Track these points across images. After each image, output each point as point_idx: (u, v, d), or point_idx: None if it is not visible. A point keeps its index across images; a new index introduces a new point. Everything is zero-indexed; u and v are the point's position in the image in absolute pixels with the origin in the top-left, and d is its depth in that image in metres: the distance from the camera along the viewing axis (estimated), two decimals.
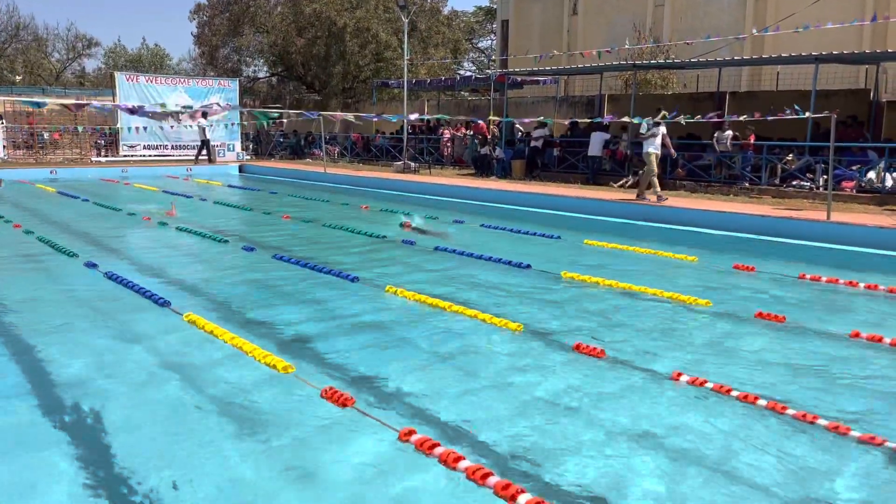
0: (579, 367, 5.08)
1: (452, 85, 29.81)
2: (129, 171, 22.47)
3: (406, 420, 4.12)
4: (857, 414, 4.30)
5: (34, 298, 6.88)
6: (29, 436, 3.93)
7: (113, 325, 6.00)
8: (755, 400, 4.38)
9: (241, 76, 36.92)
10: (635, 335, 5.91)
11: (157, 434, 3.96)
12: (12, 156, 24.51)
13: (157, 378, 4.81)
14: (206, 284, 7.67)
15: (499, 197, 15.45)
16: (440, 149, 24.98)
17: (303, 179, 21.15)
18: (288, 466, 3.65)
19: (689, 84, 24.87)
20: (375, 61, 36.64)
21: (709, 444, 3.91)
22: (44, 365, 5.02)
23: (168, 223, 11.70)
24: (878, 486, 3.50)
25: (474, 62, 54.50)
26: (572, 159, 19.51)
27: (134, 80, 26.47)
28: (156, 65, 57.85)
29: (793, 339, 5.84)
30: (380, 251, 9.78)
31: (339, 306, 6.76)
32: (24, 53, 51.76)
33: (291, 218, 12.80)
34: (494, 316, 6.16)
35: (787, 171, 15.52)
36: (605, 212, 13.16)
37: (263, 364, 4.93)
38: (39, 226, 11.14)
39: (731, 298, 7.23)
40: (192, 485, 3.42)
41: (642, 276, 8.06)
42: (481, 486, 3.37)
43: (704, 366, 5.12)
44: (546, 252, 9.79)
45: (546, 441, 3.94)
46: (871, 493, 3.44)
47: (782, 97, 18.87)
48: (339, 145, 28.65)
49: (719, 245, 10.49)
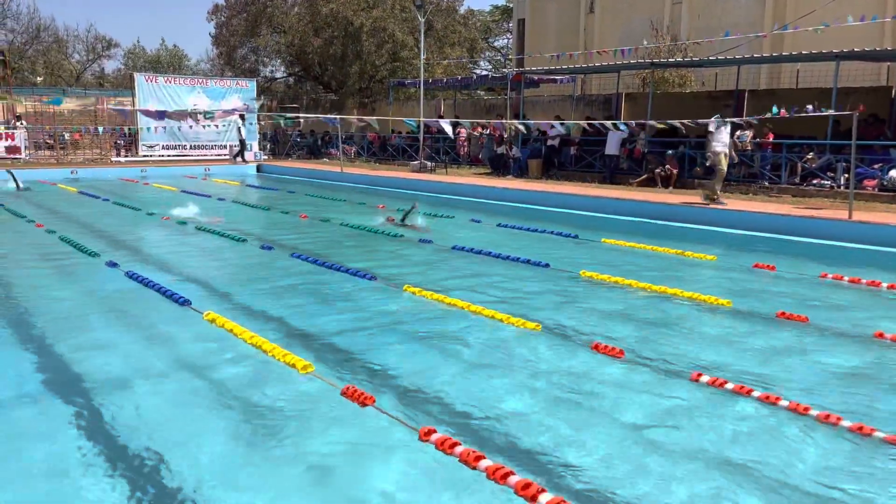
0: (598, 367, 5.06)
1: (469, 84, 29.81)
2: (148, 170, 22.66)
3: (426, 419, 4.13)
4: (883, 415, 4.24)
5: (57, 297, 6.96)
6: (53, 432, 3.98)
7: (135, 324, 6.06)
8: (777, 401, 4.34)
9: (259, 76, 37.11)
10: (654, 335, 5.88)
11: (177, 432, 3.99)
12: (34, 156, 24.80)
13: (177, 376, 4.86)
14: (225, 283, 7.72)
15: (515, 196, 15.42)
16: (456, 148, 24.98)
17: (320, 179, 21.23)
18: (308, 465, 3.67)
19: (708, 82, 24.71)
20: (392, 61, 36.70)
21: (729, 445, 3.88)
22: (67, 364, 5.07)
23: (187, 223, 11.78)
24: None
25: (490, 61, 54.42)
26: (589, 158, 19.44)
27: (153, 80, 26.70)
28: (174, 65, 58.27)
29: (816, 340, 5.78)
30: (397, 250, 9.79)
31: (357, 305, 6.78)
32: (44, 55, 52.30)
33: (309, 217, 12.86)
34: (512, 315, 6.15)
35: (807, 169, 15.37)
36: (623, 211, 13.09)
37: (283, 363, 4.95)
38: (61, 225, 11.27)
39: (752, 298, 7.16)
40: (210, 482, 3.45)
41: (661, 276, 8.02)
42: (502, 485, 3.37)
43: (725, 366, 5.08)
44: (564, 251, 9.76)
45: (564, 441, 3.93)
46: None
47: (802, 95, 18.68)
48: (355, 145, 28.73)
49: (739, 244, 10.41)
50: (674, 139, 18.20)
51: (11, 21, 48.92)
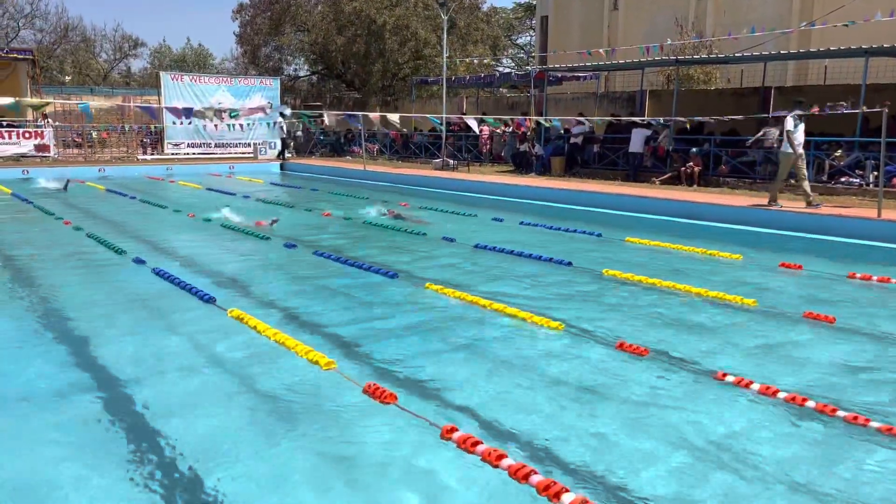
0: (622, 366, 5.03)
1: (491, 82, 29.75)
2: (173, 168, 22.91)
3: (447, 417, 4.13)
4: None
5: (84, 294, 7.07)
6: (85, 427, 4.04)
7: (161, 321, 6.14)
8: (803, 402, 4.29)
9: (282, 75, 37.33)
10: (679, 335, 5.83)
11: (201, 427, 4.04)
12: (63, 154, 25.18)
13: (201, 373, 4.91)
14: (249, 281, 7.78)
15: (538, 194, 15.37)
16: (479, 146, 24.95)
17: (343, 177, 21.32)
18: (330, 462, 3.69)
19: (733, 79, 24.41)
20: (414, 59, 36.72)
21: (755, 446, 3.84)
22: (93, 358, 5.15)
23: (212, 220, 11.90)
24: None
25: (513, 59, 54.26)
26: (612, 156, 19.32)
27: (179, 79, 26.96)
28: (199, 64, 58.86)
29: (843, 341, 5.70)
30: (420, 248, 9.80)
31: (380, 303, 6.80)
32: (73, 54, 53.14)
33: (332, 215, 12.92)
34: (535, 314, 6.14)
35: (835, 167, 15.14)
36: (646, 209, 13.00)
37: (306, 360, 4.99)
38: (89, 223, 11.43)
39: (778, 298, 7.08)
40: (234, 478, 3.48)
41: (686, 275, 7.96)
42: (524, 485, 3.37)
43: (750, 366, 5.03)
44: (587, 249, 9.71)
45: (588, 441, 3.91)
46: None
47: (830, 92, 18.40)
48: (378, 143, 28.81)
49: (765, 243, 10.29)
50: (699, 136, 18.04)
51: (40, 21, 49.76)
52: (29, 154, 23.41)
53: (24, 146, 23.51)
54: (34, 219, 12.19)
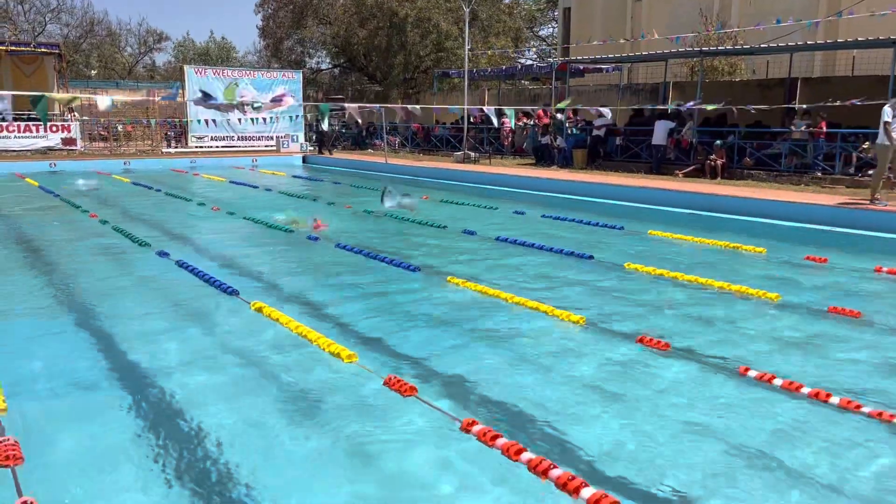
0: (643, 361, 5.01)
1: (513, 74, 29.61)
2: (197, 161, 23.12)
3: (467, 409, 4.15)
4: None
5: (109, 286, 7.17)
6: (108, 417, 4.11)
7: (184, 313, 6.21)
8: (827, 398, 4.25)
9: (305, 68, 37.49)
10: (700, 329, 5.79)
11: (223, 420, 4.08)
12: (89, 148, 25.51)
13: (223, 364, 4.97)
14: (271, 273, 7.85)
15: (559, 187, 15.31)
16: (501, 138, 24.88)
17: (364, 170, 21.38)
18: (351, 454, 3.72)
19: (759, 70, 24.09)
20: (436, 51, 36.68)
21: (776, 442, 3.81)
22: (118, 350, 5.24)
23: (235, 213, 12.00)
24: None
25: (535, 51, 53.93)
26: (635, 148, 19.18)
27: (202, 73, 27.19)
28: (222, 58, 59.19)
29: (869, 336, 5.62)
30: (441, 241, 9.81)
31: (401, 296, 6.83)
32: (98, 48, 53.73)
33: (353, 208, 12.97)
34: (556, 307, 6.13)
35: (862, 159, 14.89)
36: (670, 202, 12.89)
37: (328, 352, 5.02)
38: (114, 215, 11.58)
39: (803, 292, 7.00)
40: (255, 469, 3.52)
41: (708, 268, 7.89)
42: (544, 480, 3.37)
43: (773, 362, 4.98)
44: (609, 243, 9.67)
45: (608, 434, 3.91)
46: None
47: (858, 83, 18.10)
48: (399, 136, 28.84)
49: (790, 237, 10.17)
50: (722, 128, 17.84)
51: (66, 15, 50.35)
52: (56, 147, 23.77)
53: (52, 139, 23.88)
54: (61, 212, 12.37)
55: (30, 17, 48.71)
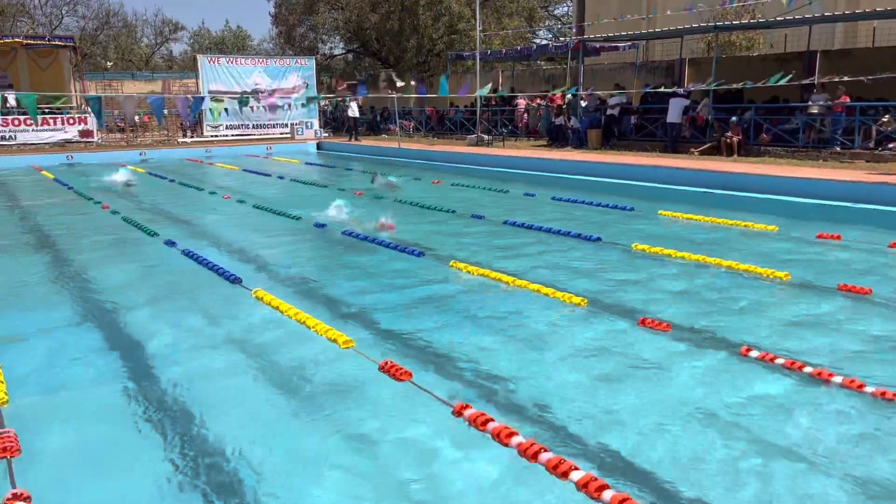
0: (643, 342, 4.94)
1: (528, 54, 29.31)
2: (212, 150, 23.23)
3: (463, 394, 4.12)
4: None
5: (115, 276, 7.21)
6: (114, 401, 4.15)
7: (186, 302, 6.24)
8: (830, 377, 4.16)
9: (318, 54, 37.40)
10: (705, 309, 5.71)
11: (224, 405, 4.11)
12: (106, 139, 25.73)
13: (223, 351, 4.99)
14: (276, 261, 7.86)
15: (571, 168, 15.16)
16: (515, 120, 24.69)
17: (378, 155, 21.35)
18: (345, 438, 3.71)
19: (777, 44, 23.62)
20: (449, 34, 36.39)
21: (778, 423, 3.74)
22: (121, 338, 5.28)
23: (246, 201, 12.04)
24: None
25: (550, 30, 53.35)
26: (650, 127, 18.93)
27: (215, 62, 27.24)
28: (238, 46, 59.32)
29: (877, 313, 5.50)
30: (448, 226, 9.76)
31: (403, 281, 6.80)
32: (115, 40, 54.11)
33: (364, 194, 12.95)
34: (558, 290, 6.06)
35: (882, 133, 14.57)
36: (683, 180, 12.71)
37: (325, 338, 5.02)
38: (126, 206, 11.66)
39: (813, 270, 6.87)
40: (253, 454, 3.53)
41: (717, 248, 7.77)
42: (534, 463, 3.34)
43: (777, 341, 4.89)
44: (618, 224, 9.56)
45: (605, 418, 3.86)
46: None
47: (879, 55, 17.69)
48: (413, 120, 28.73)
49: (804, 213, 9.98)
50: (739, 105, 17.54)
51: (82, 7, 50.70)
52: (74, 140, 24.00)
53: (69, 132, 24.10)
54: (72, 203, 12.47)
55: (46, 11, 49.12)
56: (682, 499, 3.10)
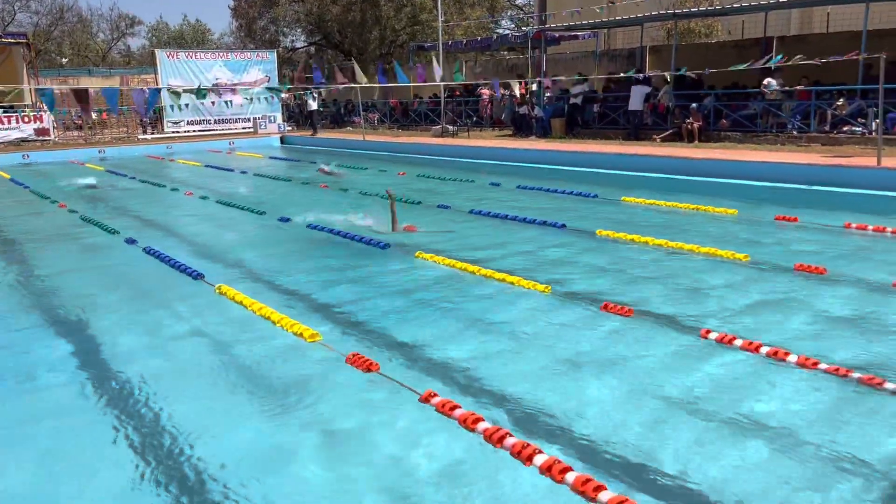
0: (605, 327, 5.01)
1: (490, 45, 29.35)
2: (173, 147, 22.87)
3: (431, 383, 4.14)
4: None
5: (74, 276, 7.10)
6: (74, 401, 4.09)
7: (147, 300, 6.15)
8: (785, 356, 4.26)
9: (279, 47, 37.00)
10: (667, 293, 5.80)
11: (188, 401, 4.07)
12: (63, 137, 25.17)
13: (187, 348, 4.95)
14: (240, 256, 7.79)
15: (535, 157, 15.26)
16: (479, 110, 24.71)
17: (342, 148, 21.22)
18: (312, 430, 3.71)
19: (734, 31, 23.97)
20: (411, 25, 36.27)
21: (735, 403, 3.83)
22: (83, 338, 5.19)
23: (209, 197, 11.89)
24: None
25: (513, 20, 53.43)
26: (613, 115, 19.09)
27: (175, 57, 26.77)
28: (198, 40, 58.36)
29: (832, 292, 5.65)
30: (414, 217, 9.74)
31: (370, 273, 6.79)
32: (70, 35, 52.86)
33: (329, 187, 12.88)
34: (524, 278, 6.12)
35: (837, 116, 14.89)
36: (644, 167, 12.87)
37: (291, 332, 5.00)
38: (84, 205, 11.45)
39: (771, 251, 7.02)
40: (218, 450, 3.50)
41: (679, 232, 7.90)
42: (499, 448, 3.38)
43: (736, 322, 5.00)
44: (582, 211, 9.65)
45: (569, 401, 3.91)
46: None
47: (833, 40, 18.04)
48: (377, 112, 28.60)
49: (763, 197, 10.19)
50: (699, 91, 17.77)
51: (35, 3, 49.44)
52: (30, 138, 23.44)
53: (25, 130, 23.53)
54: (28, 202, 12.19)
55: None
56: (644, 479, 3.16)
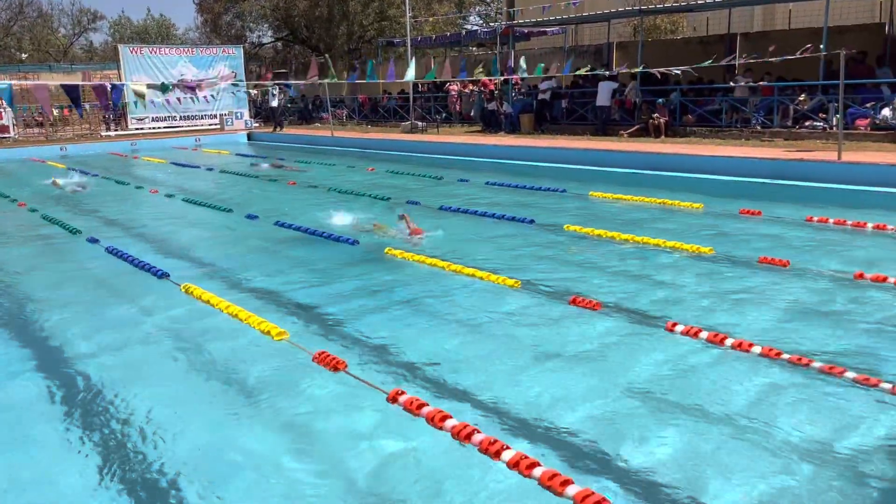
0: (574, 321, 5.04)
1: (458, 40, 29.32)
2: (137, 143, 22.50)
3: (398, 381, 4.12)
4: (855, 355, 4.23)
5: (36, 276, 6.95)
6: (34, 402, 3.99)
7: (110, 300, 6.05)
8: (749, 347, 4.33)
9: (246, 42, 36.58)
10: (633, 286, 5.85)
11: (152, 402, 3.99)
12: (23, 134, 24.61)
13: (153, 348, 4.87)
14: (206, 254, 7.69)
15: (505, 153, 15.29)
16: (449, 106, 24.69)
17: (311, 144, 21.07)
18: (279, 430, 3.68)
19: (699, 27, 24.27)
20: (379, 20, 36.11)
21: (701, 394, 3.88)
22: (45, 339, 5.09)
23: (175, 195, 11.72)
24: (875, 429, 3.46)
25: (481, 16, 53.47)
26: (581, 111, 19.21)
27: (138, 52, 26.31)
28: (162, 35, 57.42)
29: (795, 284, 5.75)
30: (384, 213, 9.71)
31: (339, 271, 6.75)
32: (30, 30, 51.63)
33: (297, 184, 12.77)
34: (493, 273, 6.13)
35: (799, 111, 15.16)
36: (612, 162, 12.97)
37: (258, 331, 4.95)
38: (46, 204, 11.20)
39: (736, 245, 7.12)
40: (184, 450, 3.45)
41: (645, 226, 7.97)
42: (466, 444, 3.38)
43: (701, 315, 5.06)
44: (550, 206, 9.69)
45: (537, 395, 3.93)
46: (866, 435, 3.40)
47: (795, 36, 18.35)
48: (346, 108, 28.43)
49: (727, 191, 10.33)
50: (665, 87, 17.95)
51: None
52: None
53: None
54: None
55: None
56: (612, 472, 3.18)
